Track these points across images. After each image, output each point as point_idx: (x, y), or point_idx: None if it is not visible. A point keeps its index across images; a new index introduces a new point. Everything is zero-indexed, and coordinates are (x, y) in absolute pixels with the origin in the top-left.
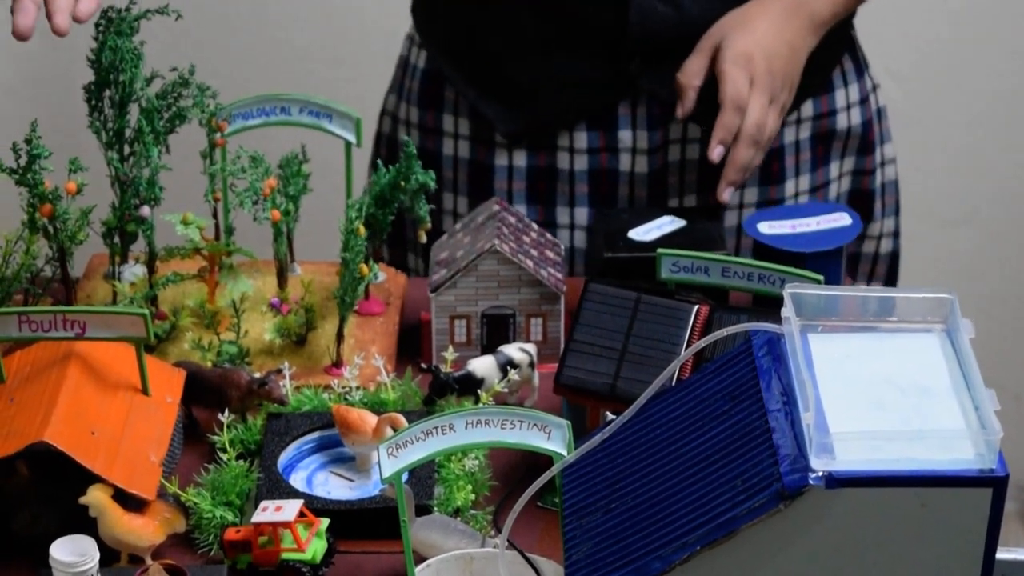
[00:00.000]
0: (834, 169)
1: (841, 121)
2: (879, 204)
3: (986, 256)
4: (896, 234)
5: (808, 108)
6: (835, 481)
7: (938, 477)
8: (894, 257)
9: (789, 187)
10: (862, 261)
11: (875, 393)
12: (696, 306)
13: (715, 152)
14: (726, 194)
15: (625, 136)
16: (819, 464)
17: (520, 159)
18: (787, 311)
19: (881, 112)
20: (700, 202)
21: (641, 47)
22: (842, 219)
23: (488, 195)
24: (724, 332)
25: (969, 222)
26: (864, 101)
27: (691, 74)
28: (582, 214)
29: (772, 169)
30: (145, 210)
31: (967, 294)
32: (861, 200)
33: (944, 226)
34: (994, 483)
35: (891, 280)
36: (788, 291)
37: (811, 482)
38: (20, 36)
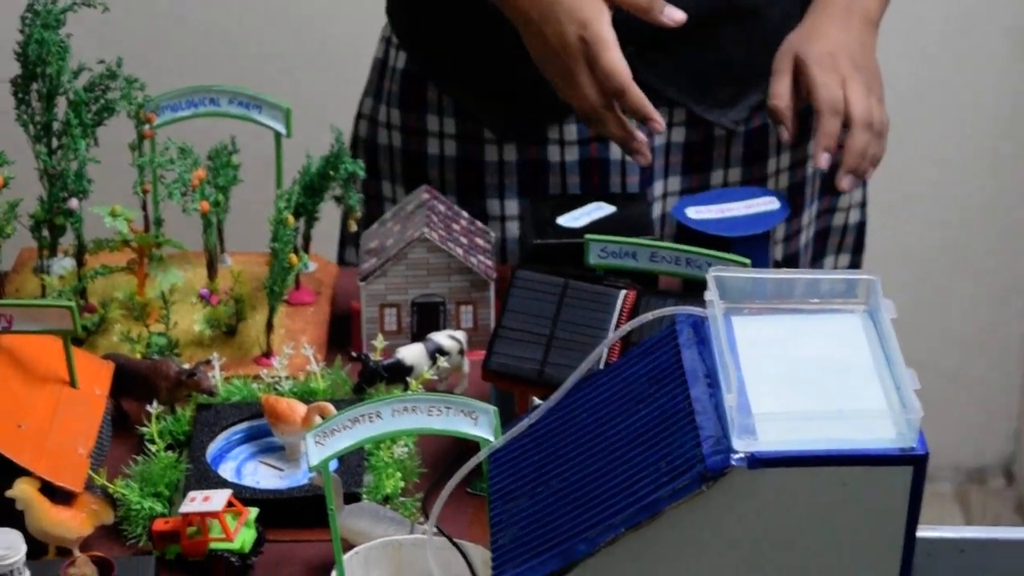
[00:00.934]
0: (811, 145)
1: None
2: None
3: (917, 238)
4: (863, 204)
5: None
6: (757, 462)
7: (859, 456)
8: (861, 227)
9: (771, 165)
10: (832, 234)
11: (798, 374)
12: (623, 291)
13: (822, 159)
14: (846, 181)
15: None
16: (741, 445)
17: (510, 154)
18: (710, 294)
19: None
20: (684, 183)
21: (628, 35)
22: (770, 203)
23: (479, 191)
24: (649, 316)
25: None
26: None
27: (782, 95)
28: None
29: (755, 148)
30: (73, 203)
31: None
32: (831, 172)
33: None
34: (914, 461)
35: (859, 250)
36: (712, 274)
37: (733, 463)
38: None
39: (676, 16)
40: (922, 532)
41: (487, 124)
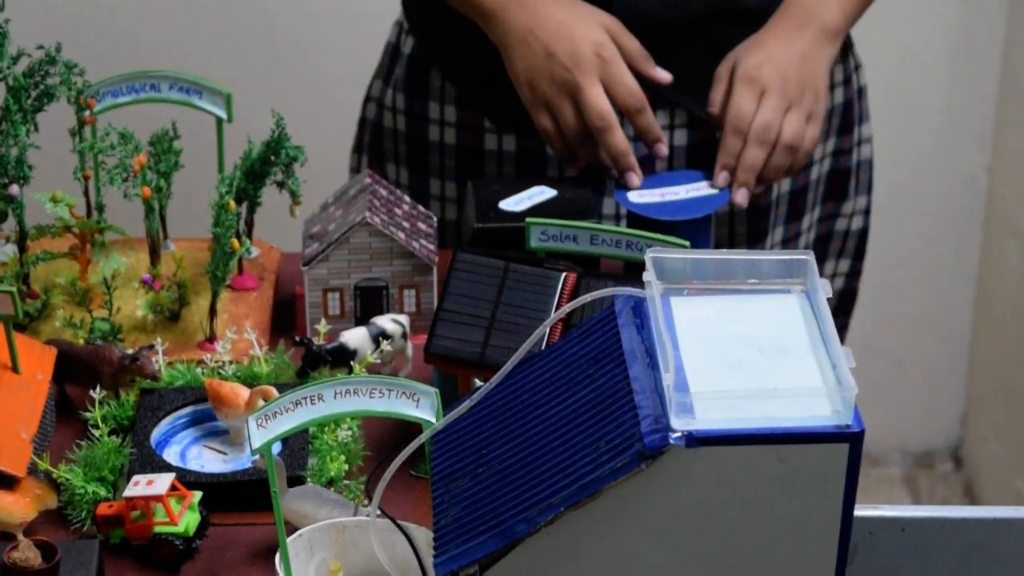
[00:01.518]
0: (817, 151)
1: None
2: (853, 182)
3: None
4: (867, 211)
5: None
6: (695, 440)
7: (796, 434)
8: (863, 234)
9: None
10: (833, 239)
11: (735, 353)
12: (564, 273)
13: (720, 178)
14: (739, 195)
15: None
16: (679, 424)
17: (509, 144)
18: (648, 275)
19: (862, 91)
20: None
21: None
22: (710, 187)
23: (478, 179)
24: (589, 297)
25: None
26: (847, 81)
27: (714, 103)
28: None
29: None
30: (14, 189)
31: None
32: (838, 179)
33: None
34: (850, 438)
35: (859, 256)
36: (649, 255)
37: (671, 442)
38: None
39: (661, 76)
40: (863, 511)
41: (486, 113)
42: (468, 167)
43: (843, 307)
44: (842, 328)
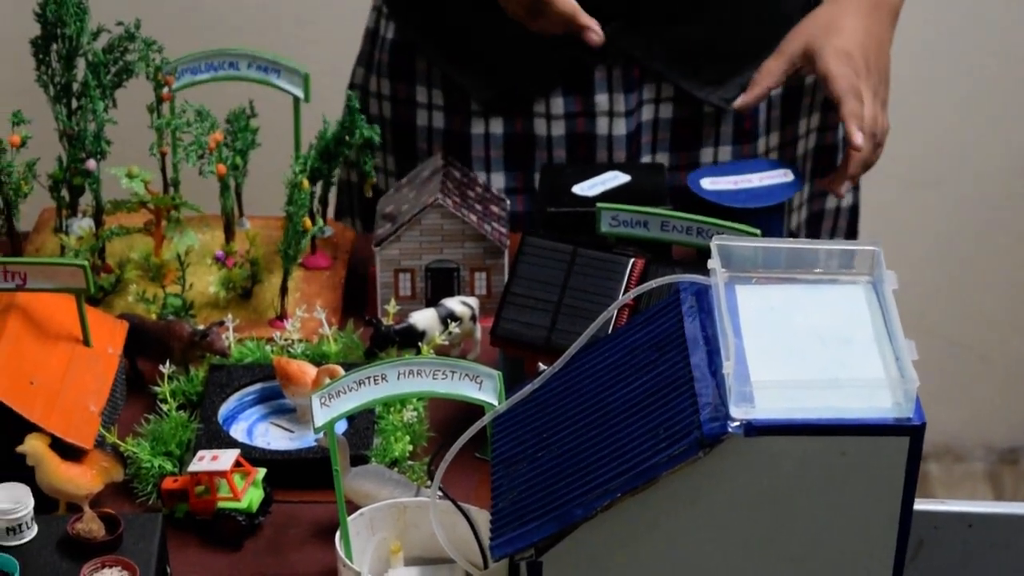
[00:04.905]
0: (802, 125)
1: (808, 76)
2: (840, 158)
3: (954, 219)
4: (856, 187)
5: None
6: (754, 429)
7: (856, 426)
8: (854, 210)
9: (761, 144)
10: (825, 217)
11: (798, 343)
12: (632, 259)
13: (858, 139)
14: (843, 188)
15: (602, 100)
16: (738, 413)
17: (497, 127)
18: (713, 263)
19: None
20: (672, 160)
21: (617, 7)
22: (784, 176)
23: (466, 164)
24: (653, 284)
25: (937, 184)
26: None
27: (767, 74)
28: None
29: (744, 127)
30: (91, 163)
31: (936, 254)
32: (825, 155)
33: (911, 187)
34: (911, 432)
35: (852, 233)
36: (715, 243)
37: (730, 430)
38: None
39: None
40: (930, 505)
41: (473, 96)
42: (455, 151)
43: None
44: None
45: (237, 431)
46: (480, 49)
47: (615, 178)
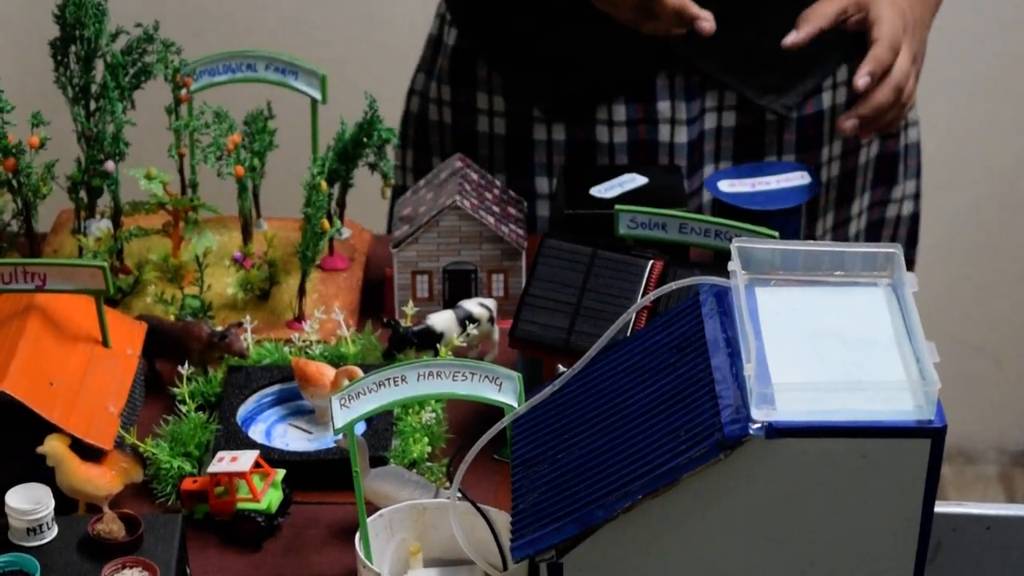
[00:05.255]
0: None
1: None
2: (902, 167)
3: (967, 221)
4: (916, 196)
5: (843, 72)
6: (775, 431)
7: (877, 428)
8: (914, 219)
9: (824, 153)
10: (885, 226)
11: (819, 345)
12: (651, 261)
13: (861, 80)
14: (849, 123)
15: (664, 107)
16: (759, 414)
17: (559, 133)
18: (733, 265)
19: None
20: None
21: None
22: (801, 178)
23: (528, 170)
24: (673, 286)
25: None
26: None
27: (820, 16)
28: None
29: (808, 134)
30: (110, 165)
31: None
32: (887, 164)
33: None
34: (932, 434)
35: (911, 242)
36: (735, 245)
37: (751, 432)
38: None
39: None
40: (948, 508)
41: (536, 103)
42: (517, 157)
43: None
44: None
45: (256, 432)
46: (543, 56)
47: (632, 180)
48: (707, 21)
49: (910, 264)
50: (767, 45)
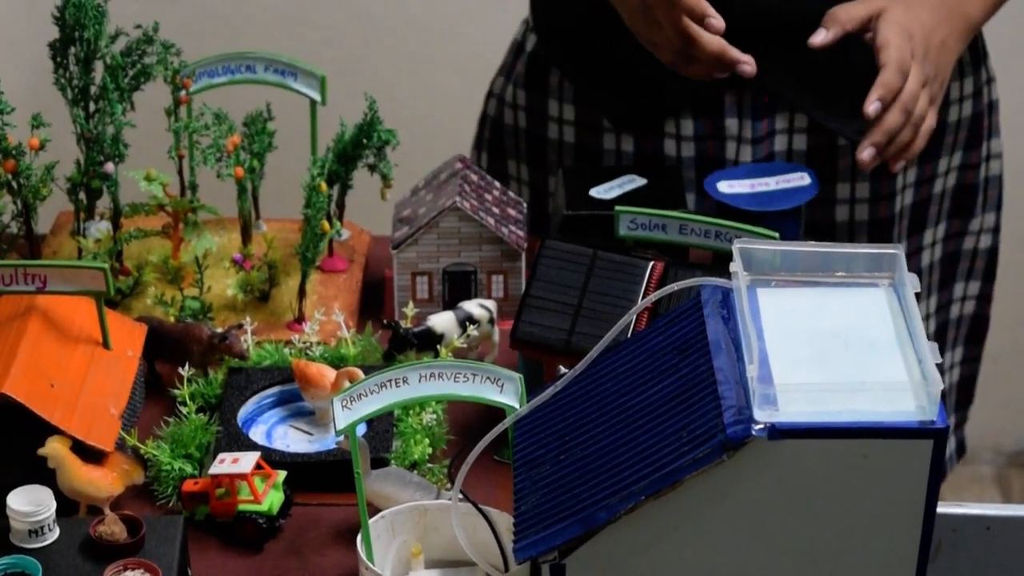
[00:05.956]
0: (943, 164)
1: (952, 114)
2: (980, 199)
3: None
4: (996, 230)
5: None
6: (778, 432)
7: (879, 429)
8: (992, 253)
9: (899, 181)
10: (962, 258)
11: (821, 346)
12: (651, 262)
13: (872, 107)
14: (866, 153)
15: (731, 124)
16: (762, 416)
17: (627, 144)
18: (735, 266)
19: (993, 106)
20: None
21: (747, 34)
22: (801, 179)
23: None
24: (675, 287)
25: None
26: (977, 94)
27: (846, 19)
28: (689, 200)
29: (883, 162)
30: (109, 166)
31: None
32: (964, 195)
33: None
34: (934, 435)
35: (990, 277)
36: (737, 246)
37: (754, 433)
38: None
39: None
40: (948, 508)
41: (604, 113)
42: (586, 165)
43: (974, 335)
44: (975, 359)
45: (256, 434)
46: (612, 66)
47: (632, 181)
48: (748, 64)
49: (987, 300)
50: (839, 68)
